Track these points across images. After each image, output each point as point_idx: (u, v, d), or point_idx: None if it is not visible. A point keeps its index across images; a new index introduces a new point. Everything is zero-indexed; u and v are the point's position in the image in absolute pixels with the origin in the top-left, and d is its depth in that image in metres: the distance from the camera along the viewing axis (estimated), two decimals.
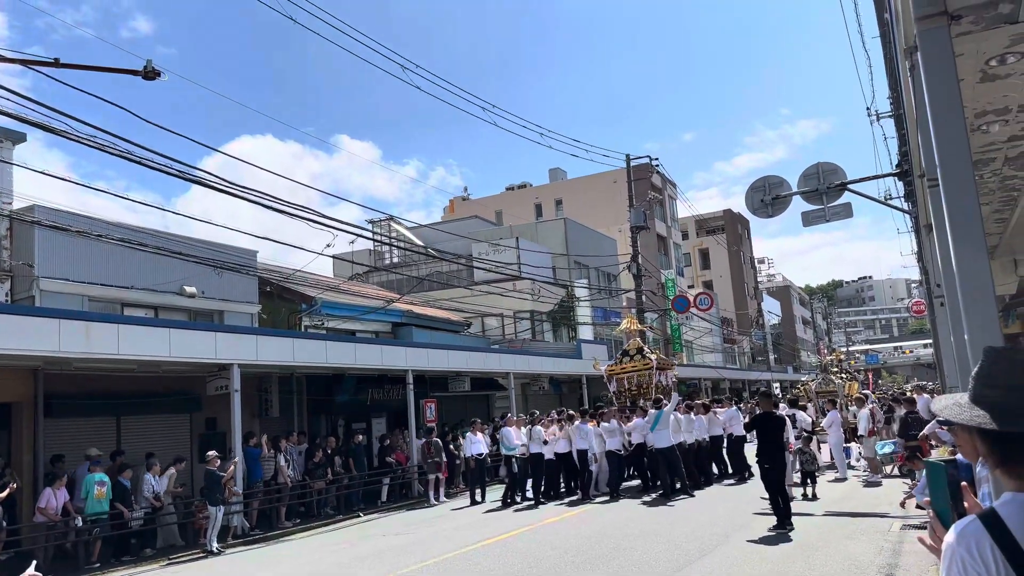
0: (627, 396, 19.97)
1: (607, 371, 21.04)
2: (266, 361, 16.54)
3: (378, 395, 21.93)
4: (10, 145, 16.18)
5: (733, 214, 71.49)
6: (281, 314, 22.13)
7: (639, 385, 20.02)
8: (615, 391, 20.61)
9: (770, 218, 14.87)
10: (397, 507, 18.09)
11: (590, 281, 37.81)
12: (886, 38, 13.57)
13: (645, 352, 20.58)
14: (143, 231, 17.99)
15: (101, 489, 13.03)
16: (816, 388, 23.48)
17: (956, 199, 3.13)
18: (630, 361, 20.45)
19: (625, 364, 20.55)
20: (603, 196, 49.10)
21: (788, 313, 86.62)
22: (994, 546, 1.78)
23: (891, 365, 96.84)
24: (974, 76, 5.56)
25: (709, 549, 9.84)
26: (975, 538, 1.82)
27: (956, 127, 3.22)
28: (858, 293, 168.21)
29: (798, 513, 12.27)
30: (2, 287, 15.61)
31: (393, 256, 37.22)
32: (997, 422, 1.84)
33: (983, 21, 3.81)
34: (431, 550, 11.60)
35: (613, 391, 20.72)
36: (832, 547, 9.50)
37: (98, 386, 15.32)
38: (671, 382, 20.74)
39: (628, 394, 20.05)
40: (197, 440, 17.43)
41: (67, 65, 9.85)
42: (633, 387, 20.14)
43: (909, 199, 16.97)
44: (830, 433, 17.15)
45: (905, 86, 6.09)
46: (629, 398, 19.80)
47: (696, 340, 48.37)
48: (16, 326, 12.09)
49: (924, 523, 10.36)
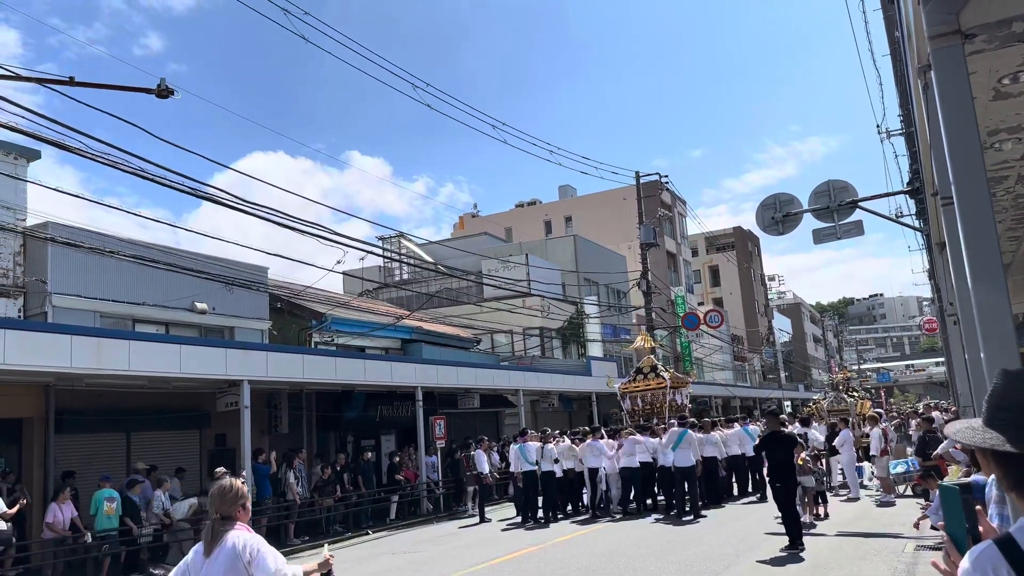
0: (640, 414, 19.97)
1: (621, 389, 21.11)
2: (276, 377, 16.56)
3: (387, 412, 21.90)
4: (25, 162, 16.33)
5: (743, 231, 71.37)
6: (291, 330, 22.17)
7: (652, 403, 20.00)
8: (629, 409, 20.61)
9: (781, 235, 14.82)
10: (406, 525, 18.01)
11: (600, 298, 37.75)
12: (897, 56, 13.57)
13: (659, 370, 20.65)
14: (154, 247, 18.09)
15: (111, 505, 13.02)
16: (828, 407, 23.32)
17: (971, 218, 3.11)
18: (644, 379, 20.51)
19: (639, 382, 20.63)
20: (613, 213, 49.14)
21: (799, 331, 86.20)
22: (1011, 572, 1.76)
23: (903, 383, 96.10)
24: (987, 94, 5.55)
25: (720, 570, 9.74)
26: (991, 563, 1.79)
27: (971, 145, 3.21)
28: (869, 311, 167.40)
29: (810, 534, 12.15)
30: (15, 303, 15.71)
31: (403, 273, 37.29)
32: (1011, 443, 1.82)
33: (996, 40, 3.80)
34: (440, 569, 11.52)
35: (627, 409, 20.72)
36: (845, 568, 9.38)
37: (108, 402, 15.37)
38: (685, 400, 20.70)
39: (642, 412, 20.05)
40: (207, 456, 17.44)
41: (82, 84, 9.95)
42: (647, 405, 20.14)
43: (921, 217, 16.92)
44: (842, 452, 16.99)
45: (917, 104, 6.08)
46: (643, 416, 19.78)
47: (706, 357, 48.17)
48: (29, 342, 12.15)
49: (939, 544, 10.23)
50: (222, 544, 3.75)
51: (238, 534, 3.79)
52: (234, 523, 3.85)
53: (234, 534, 3.79)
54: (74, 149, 10.49)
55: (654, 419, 19.11)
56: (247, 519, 3.97)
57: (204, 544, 3.82)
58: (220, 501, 3.88)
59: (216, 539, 3.77)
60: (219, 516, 3.84)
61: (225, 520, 3.83)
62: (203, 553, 3.80)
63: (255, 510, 15.27)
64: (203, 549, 3.81)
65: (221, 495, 3.89)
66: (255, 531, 4.00)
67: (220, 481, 4.09)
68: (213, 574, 3.70)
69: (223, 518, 3.84)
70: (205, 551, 3.79)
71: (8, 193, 15.60)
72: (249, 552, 3.71)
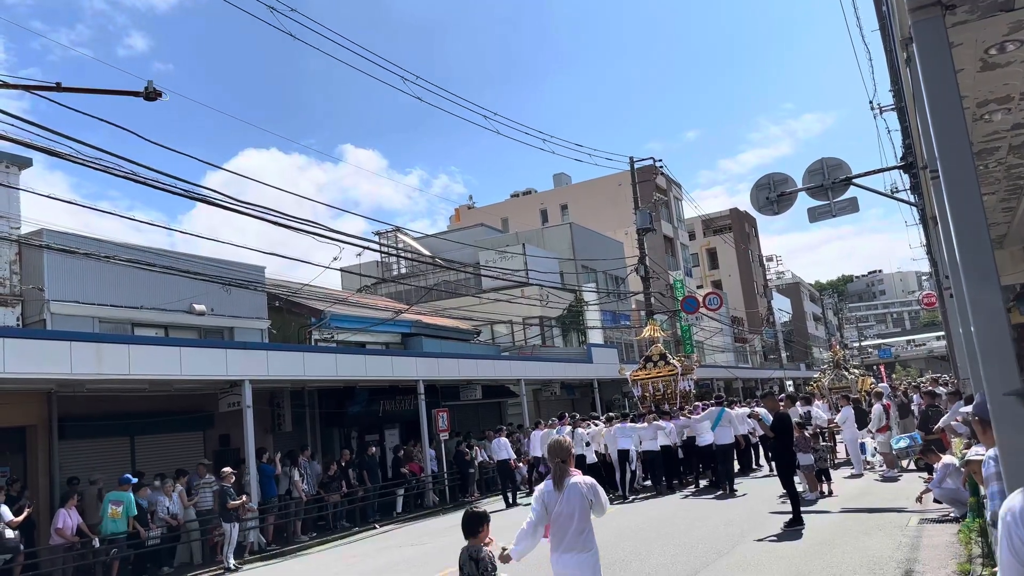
0: (652, 400, 20.99)
1: (632, 377, 22.13)
2: (277, 376, 16.59)
3: (390, 406, 21.95)
4: (17, 170, 16.29)
5: (739, 213, 71.34)
6: (291, 328, 22.18)
7: (663, 390, 21.16)
8: (639, 396, 21.64)
9: (776, 215, 14.82)
10: (413, 517, 18.08)
11: (598, 285, 37.77)
12: (885, 31, 13.53)
13: (669, 358, 21.83)
14: (151, 251, 18.08)
15: (116, 508, 13.07)
16: (829, 384, 23.38)
17: (957, 189, 3.12)
18: (654, 367, 21.61)
19: (649, 370, 21.74)
20: (608, 199, 49.09)
21: (799, 310, 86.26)
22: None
23: (904, 359, 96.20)
24: (974, 65, 5.53)
25: (726, 550, 9.79)
26: None
27: (954, 118, 3.21)
28: (868, 287, 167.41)
29: (814, 511, 12.21)
30: (13, 312, 15.71)
31: (401, 267, 37.28)
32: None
33: (978, 10, 3.79)
34: (448, 560, 11.57)
35: (637, 395, 21.75)
36: (849, 544, 9.43)
37: (111, 407, 15.40)
38: (690, 386, 21.79)
39: (653, 398, 21.10)
40: (211, 457, 17.48)
41: (69, 89, 9.91)
42: (657, 392, 21.24)
43: (915, 192, 16.90)
44: (845, 429, 17.04)
45: (904, 78, 6.07)
46: (653, 402, 20.77)
47: (707, 340, 48.21)
48: (29, 350, 12.17)
49: (942, 517, 10.29)
50: (568, 481, 5.11)
51: (578, 476, 5.20)
52: (569, 467, 5.23)
53: (576, 476, 5.19)
54: (66, 156, 10.46)
55: (665, 404, 20.06)
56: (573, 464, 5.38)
57: (554, 481, 5.16)
58: (559, 450, 5.27)
59: (563, 477, 5.13)
60: (560, 461, 5.21)
61: (564, 464, 5.20)
62: (554, 488, 5.14)
63: (262, 508, 15.34)
64: (552, 487, 5.15)
65: (559, 446, 5.31)
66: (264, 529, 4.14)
67: (556, 437, 5.61)
68: (569, 500, 5.04)
69: (562, 462, 5.21)
70: (556, 487, 5.13)
71: (2, 202, 15.58)
72: (590, 489, 5.11)
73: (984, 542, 7.88)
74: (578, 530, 5.04)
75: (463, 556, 5.09)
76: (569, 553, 5.05)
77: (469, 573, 4.99)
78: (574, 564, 5.03)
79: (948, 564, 7.86)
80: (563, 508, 5.04)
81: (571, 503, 5.04)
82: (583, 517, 5.06)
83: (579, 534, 5.05)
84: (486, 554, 5.03)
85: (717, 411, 16.36)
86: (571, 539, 5.04)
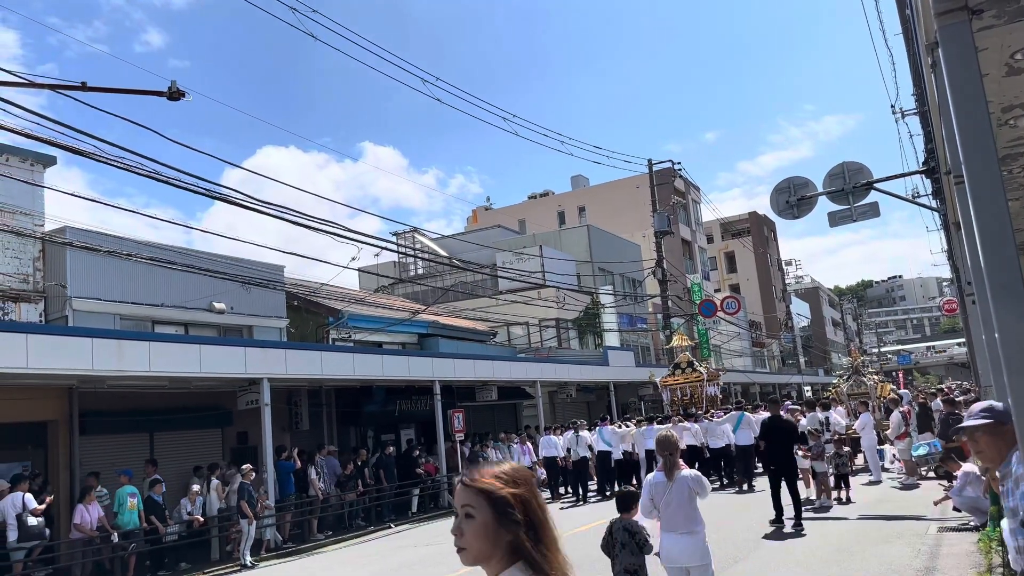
0: (679, 404, 22.72)
1: (662, 382, 24.01)
2: (295, 375, 16.69)
3: (406, 406, 22.01)
4: (42, 168, 16.50)
5: (758, 216, 70.92)
6: (309, 328, 22.31)
7: (690, 394, 22.97)
8: (668, 400, 23.49)
9: (796, 219, 14.75)
10: (428, 518, 18.13)
11: (615, 287, 37.68)
12: (908, 34, 13.43)
13: (696, 365, 23.72)
14: (172, 249, 18.25)
15: (132, 501, 13.23)
16: (848, 390, 23.19)
17: (982, 194, 3.09)
18: (682, 373, 23.52)
19: (678, 376, 23.63)
20: (626, 202, 48.95)
21: (817, 315, 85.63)
22: None
23: (924, 365, 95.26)
24: (1000, 70, 5.47)
25: (743, 555, 9.75)
26: None
27: (980, 123, 3.18)
28: (888, 293, 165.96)
29: (832, 517, 12.13)
30: (36, 308, 15.91)
31: (418, 268, 37.39)
32: None
33: (1005, 15, 3.75)
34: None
35: (667, 400, 23.58)
36: (868, 551, 9.36)
37: (131, 403, 15.55)
38: (716, 391, 23.35)
39: (681, 402, 22.84)
40: (229, 454, 17.62)
41: (95, 88, 10.03)
42: (685, 396, 23.06)
43: (937, 197, 16.73)
44: (863, 436, 16.91)
45: (928, 83, 6.03)
46: (680, 405, 22.50)
47: (724, 344, 47.97)
48: (51, 346, 12.32)
49: (962, 525, 10.18)
50: (678, 473, 5.93)
51: (685, 468, 6.05)
52: (677, 459, 6.05)
53: (684, 468, 6.03)
54: (91, 155, 10.58)
55: (691, 408, 21.58)
56: (679, 456, 6.20)
57: (665, 472, 5.96)
58: (668, 445, 6.06)
59: (673, 468, 5.95)
60: (669, 454, 6.02)
61: (672, 455, 6.01)
62: (664, 480, 5.91)
63: (279, 506, 15.43)
64: (663, 478, 5.93)
65: (668, 441, 6.10)
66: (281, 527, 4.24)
67: (664, 433, 6.32)
68: (679, 490, 5.84)
69: (670, 454, 6.01)
70: (668, 477, 5.92)
71: (26, 199, 15.78)
72: (695, 480, 5.95)
73: (1004, 551, 7.80)
74: (687, 515, 5.84)
75: (616, 525, 5.88)
76: (678, 533, 5.83)
77: (623, 541, 5.78)
78: (684, 543, 5.80)
79: (967, 573, 7.78)
80: (672, 496, 5.86)
81: (680, 491, 5.86)
82: (691, 502, 5.86)
83: (688, 518, 5.84)
84: (640, 527, 5.84)
85: (737, 415, 17.90)
86: (681, 522, 5.83)
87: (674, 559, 5.84)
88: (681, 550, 5.80)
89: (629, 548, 5.75)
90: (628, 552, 5.76)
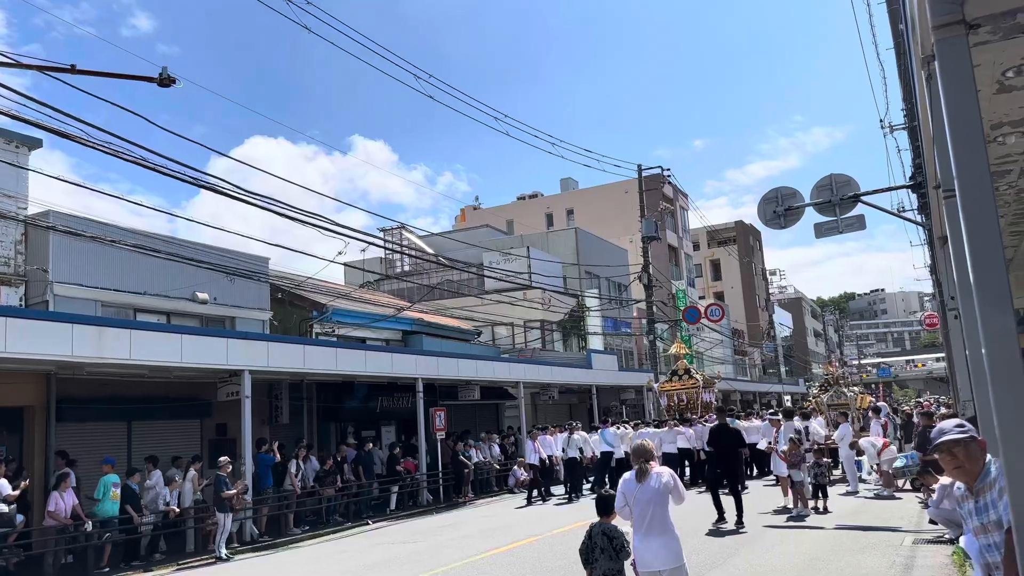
0: (676, 409, 23.64)
1: (660, 388, 24.99)
2: (277, 368, 16.58)
3: (388, 403, 21.94)
4: (27, 151, 16.31)
5: (745, 225, 71.32)
6: (292, 321, 22.20)
7: (686, 400, 23.82)
8: (666, 405, 24.43)
9: (783, 229, 14.85)
10: (406, 515, 18.07)
11: (601, 291, 37.75)
12: (900, 49, 13.53)
13: (692, 372, 24.51)
14: (156, 237, 18.10)
15: (116, 491, 13.09)
16: (828, 401, 23.35)
17: (974, 209, 3.11)
18: (679, 380, 24.44)
19: (675, 383, 24.57)
20: (615, 206, 49.05)
21: (800, 325, 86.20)
22: None
23: (903, 378, 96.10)
24: (991, 88, 5.52)
25: (719, 562, 9.77)
26: None
27: (974, 137, 3.20)
28: (870, 306, 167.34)
29: (808, 526, 12.19)
30: (17, 292, 15.72)
31: (404, 264, 37.30)
32: None
33: (1000, 31, 3.79)
34: (440, 558, 11.56)
35: (664, 405, 24.52)
36: (843, 560, 9.41)
37: (109, 391, 15.41)
38: (712, 399, 23.86)
39: (678, 408, 23.76)
40: (207, 446, 17.48)
41: (84, 71, 9.93)
42: (682, 402, 23.93)
43: (923, 211, 16.88)
44: (841, 446, 17.01)
45: (921, 97, 6.07)
46: (678, 411, 23.41)
47: (707, 352, 48.17)
48: (30, 330, 12.17)
49: (937, 538, 10.26)
50: (649, 474, 5.95)
51: (659, 469, 6.07)
52: (651, 463, 6.08)
53: (656, 468, 6.05)
54: (78, 139, 10.47)
55: (688, 413, 22.73)
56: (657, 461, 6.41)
57: (636, 476, 6.00)
58: (644, 453, 6.14)
59: (645, 473, 5.97)
60: (644, 460, 6.06)
61: (648, 462, 6.06)
62: (635, 480, 5.96)
63: (256, 500, 15.32)
64: (635, 478, 5.98)
65: (643, 449, 6.20)
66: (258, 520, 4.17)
67: (638, 441, 6.63)
68: (648, 491, 5.89)
69: (647, 461, 6.07)
70: (638, 479, 5.96)
71: (10, 182, 15.60)
72: (668, 480, 5.94)
73: None
74: (657, 516, 5.86)
75: (595, 529, 5.88)
76: (650, 537, 5.84)
77: (602, 546, 5.78)
78: (656, 546, 5.81)
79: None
80: (642, 494, 5.89)
81: (650, 491, 5.89)
82: (662, 505, 5.89)
83: (659, 520, 5.86)
84: (619, 532, 5.84)
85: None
86: (652, 525, 5.85)
87: (647, 563, 5.83)
88: (655, 554, 5.81)
89: (608, 553, 5.75)
90: (607, 557, 5.74)
